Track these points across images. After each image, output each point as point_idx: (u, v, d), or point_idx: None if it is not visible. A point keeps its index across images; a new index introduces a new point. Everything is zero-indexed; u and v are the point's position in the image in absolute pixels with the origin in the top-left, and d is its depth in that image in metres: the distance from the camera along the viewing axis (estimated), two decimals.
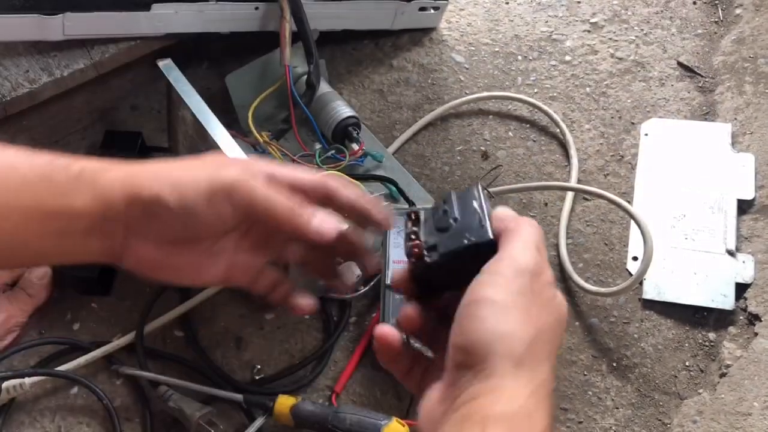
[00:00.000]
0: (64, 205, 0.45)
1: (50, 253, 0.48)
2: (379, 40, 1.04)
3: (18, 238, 0.45)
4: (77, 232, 0.46)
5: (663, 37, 1.04)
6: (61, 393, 0.78)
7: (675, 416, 0.76)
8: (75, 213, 0.46)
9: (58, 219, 0.45)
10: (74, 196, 0.45)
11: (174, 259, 0.49)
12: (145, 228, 0.47)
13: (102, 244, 0.47)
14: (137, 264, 0.49)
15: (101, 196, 0.46)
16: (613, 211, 0.89)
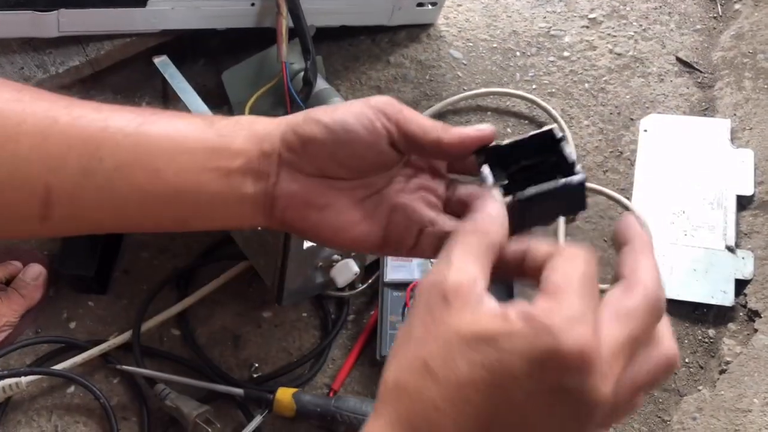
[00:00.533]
0: (225, 144, 0.46)
1: (213, 203, 0.47)
2: (376, 36, 1.03)
3: (183, 180, 0.46)
4: (236, 171, 0.46)
5: (662, 32, 1.04)
6: (57, 392, 0.78)
7: (675, 413, 0.75)
8: (234, 151, 0.46)
9: (219, 157, 0.46)
10: (233, 137, 0.47)
11: (328, 198, 0.47)
12: (299, 155, 0.46)
13: (257, 186, 0.47)
14: (289, 204, 0.47)
15: (257, 136, 0.47)
16: (612, 208, 0.88)
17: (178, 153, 0.46)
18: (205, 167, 0.46)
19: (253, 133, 0.47)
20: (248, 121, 0.48)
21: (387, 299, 0.76)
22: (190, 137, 0.46)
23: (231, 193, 0.47)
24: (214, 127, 0.47)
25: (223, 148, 0.46)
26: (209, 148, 0.46)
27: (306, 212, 0.47)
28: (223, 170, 0.46)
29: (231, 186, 0.47)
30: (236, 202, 0.47)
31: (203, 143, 0.46)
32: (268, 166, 0.47)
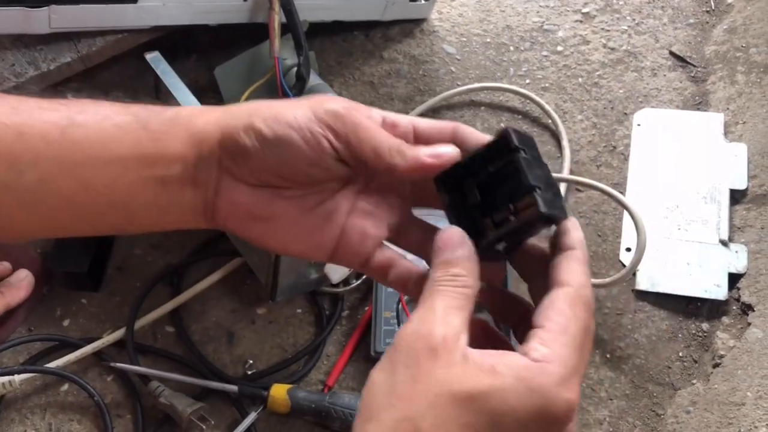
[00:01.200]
0: (159, 149, 0.42)
1: (150, 211, 0.44)
2: (370, 31, 1.03)
3: (116, 192, 0.42)
4: (173, 180, 0.42)
5: (655, 26, 1.04)
6: (51, 390, 0.77)
7: (669, 407, 0.75)
8: (170, 157, 0.42)
9: (154, 165, 0.42)
10: (169, 141, 0.42)
11: (273, 209, 0.43)
12: (239, 165, 0.42)
13: (195, 194, 0.43)
14: (231, 214, 0.43)
15: (195, 138, 0.42)
16: (605, 202, 0.88)
17: (109, 163, 0.41)
18: (138, 177, 0.42)
19: (191, 134, 0.42)
20: (186, 118, 0.43)
21: (381, 295, 0.76)
22: (122, 143, 0.42)
23: (168, 202, 0.43)
24: (148, 128, 0.42)
25: (157, 156, 0.42)
26: (142, 156, 0.42)
27: (250, 223, 0.44)
28: (158, 179, 0.42)
29: (168, 195, 0.43)
30: (175, 210, 0.44)
31: (135, 150, 0.42)
32: (207, 173, 0.43)
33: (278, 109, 0.42)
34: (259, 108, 0.42)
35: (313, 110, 0.42)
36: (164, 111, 0.43)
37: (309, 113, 0.42)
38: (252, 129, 0.41)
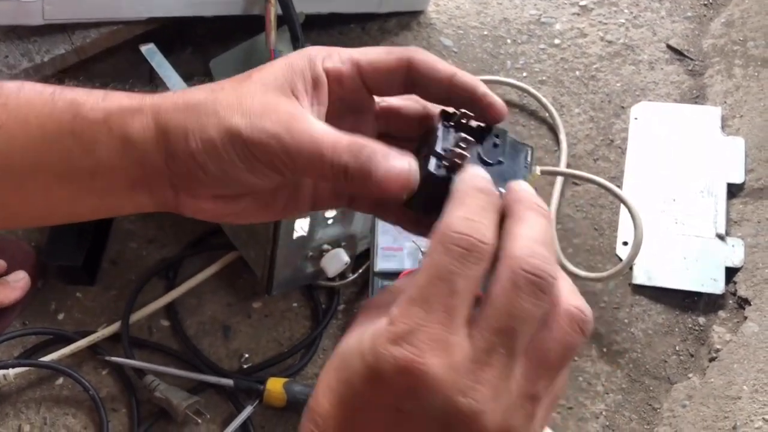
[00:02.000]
0: (95, 161, 0.38)
1: (101, 210, 0.41)
2: (366, 23, 1.02)
3: (52, 200, 0.39)
4: (119, 188, 0.39)
5: (652, 19, 1.04)
6: (46, 384, 0.77)
7: (665, 401, 0.76)
8: (107, 169, 0.38)
9: (93, 178, 0.38)
10: (103, 152, 0.37)
11: (238, 206, 0.40)
12: (192, 186, 0.38)
13: (151, 198, 0.39)
14: (198, 215, 0.41)
15: (133, 150, 0.37)
16: (602, 196, 0.88)
17: (40, 174, 0.38)
18: (79, 189, 0.38)
19: (128, 146, 0.38)
20: (119, 126, 0.38)
21: (377, 289, 0.76)
22: (50, 154, 0.38)
23: (122, 204, 0.40)
24: (76, 134, 0.37)
25: (94, 168, 0.38)
26: (77, 171, 0.38)
27: (218, 218, 0.41)
28: (101, 189, 0.39)
29: (118, 200, 0.39)
30: (133, 208, 0.40)
31: (67, 162, 0.38)
32: (160, 186, 0.39)
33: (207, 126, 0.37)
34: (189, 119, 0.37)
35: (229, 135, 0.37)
36: (93, 108, 0.38)
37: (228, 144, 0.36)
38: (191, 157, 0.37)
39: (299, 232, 0.71)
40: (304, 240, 0.73)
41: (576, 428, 0.74)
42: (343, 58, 0.40)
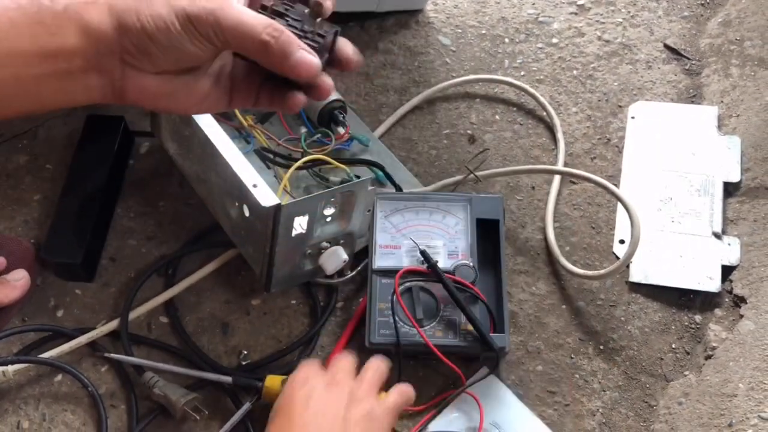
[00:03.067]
0: (57, 44, 0.45)
1: (56, 96, 0.48)
2: (365, 22, 1.03)
3: (21, 83, 0.46)
4: (76, 71, 0.46)
5: (650, 19, 1.04)
6: (45, 380, 0.77)
7: (661, 398, 0.76)
8: (69, 51, 0.46)
9: (55, 59, 0.46)
10: (64, 35, 0.45)
11: (175, 85, 0.49)
12: (139, 60, 0.47)
13: (101, 80, 0.47)
14: (139, 97, 0.49)
15: (90, 33, 0.46)
16: (599, 195, 0.89)
17: (11, 57, 0.45)
18: (42, 70, 0.46)
19: (85, 28, 0.46)
20: (75, 12, 0.46)
21: (376, 286, 0.76)
22: (20, 39, 0.45)
23: (75, 88, 0.47)
24: (43, 23, 0.45)
25: (56, 50, 0.45)
26: (42, 51, 0.45)
27: (156, 100, 0.50)
28: (61, 71, 0.46)
29: (73, 82, 0.47)
30: (82, 93, 0.48)
31: (34, 45, 0.45)
32: (110, 64, 0.47)
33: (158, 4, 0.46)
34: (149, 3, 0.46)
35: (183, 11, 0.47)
36: (53, 4, 0.46)
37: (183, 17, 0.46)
38: (143, 31, 0.46)
39: (298, 229, 0.72)
40: (303, 237, 0.73)
41: (573, 425, 0.75)
42: None
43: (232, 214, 0.76)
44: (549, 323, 0.80)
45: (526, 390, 0.76)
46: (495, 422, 0.73)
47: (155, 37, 0.46)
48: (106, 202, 0.86)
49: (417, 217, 0.80)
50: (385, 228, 0.79)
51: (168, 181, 0.90)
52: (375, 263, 0.77)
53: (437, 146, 0.93)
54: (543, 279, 0.83)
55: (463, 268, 0.75)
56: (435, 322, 0.73)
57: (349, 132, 0.86)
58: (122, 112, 0.92)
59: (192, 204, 0.88)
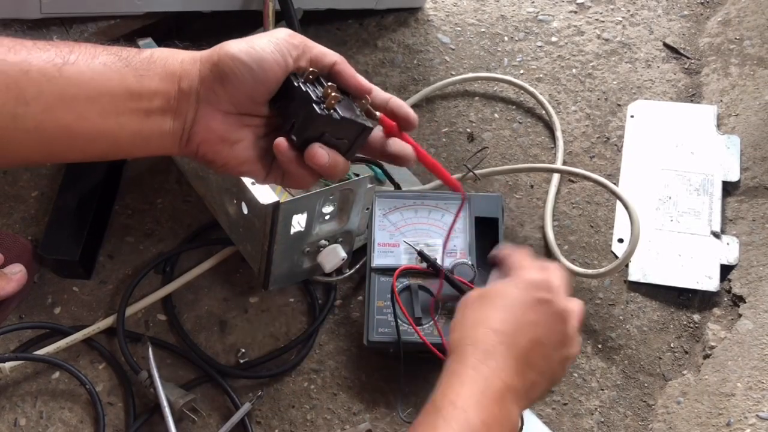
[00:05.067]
0: (143, 85, 0.49)
1: (133, 140, 0.51)
2: (364, 20, 1.03)
3: (104, 121, 0.49)
4: (155, 111, 0.50)
5: (649, 18, 1.04)
6: (42, 377, 0.77)
7: (659, 397, 0.76)
8: (152, 92, 0.50)
9: (139, 99, 0.49)
10: (150, 78, 0.50)
11: (239, 134, 0.53)
12: (217, 93, 0.51)
13: (175, 123, 0.51)
14: (205, 139, 0.52)
15: (173, 75, 0.50)
16: (598, 193, 0.89)
17: (100, 96, 0.48)
18: (126, 109, 0.49)
19: (170, 72, 0.50)
20: (162, 58, 0.51)
21: (374, 284, 0.76)
22: (110, 80, 0.48)
23: (151, 131, 0.51)
24: (132, 65, 0.49)
25: (142, 90, 0.49)
26: (129, 91, 0.49)
27: (219, 147, 0.52)
28: (143, 111, 0.50)
29: (151, 124, 0.50)
30: (156, 138, 0.51)
31: (122, 85, 0.49)
32: (187, 104, 0.51)
33: (247, 41, 0.51)
34: (229, 43, 0.51)
35: (271, 36, 0.52)
36: (141, 51, 0.51)
37: (271, 39, 0.52)
38: (230, 56, 0.50)
39: (296, 227, 0.72)
40: (301, 235, 0.73)
41: (571, 424, 0.74)
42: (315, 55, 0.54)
43: (230, 212, 0.76)
44: None
45: None
46: None
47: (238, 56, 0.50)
48: (104, 199, 0.86)
49: (416, 215, 0.79)
50: (383, 226, 0.79)
51: (166, 178, 0.90)
52: (373, 261, 0.77)
53: (436, 144, 0.93)
54: None
55: (462, 267, 0.75)
56: (433, 321, 0.73)
57: None
58: None
59: (190, 201, 0.88)
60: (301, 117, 0.52)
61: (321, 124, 0.52)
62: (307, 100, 0.51)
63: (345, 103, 0.53)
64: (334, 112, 0.52)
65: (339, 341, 0.79)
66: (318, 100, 0.51)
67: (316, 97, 0.52)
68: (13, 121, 0.46)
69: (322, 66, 0.53)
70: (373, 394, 0.76)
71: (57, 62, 0.47)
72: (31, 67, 0.46)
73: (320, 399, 0.76)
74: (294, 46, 0.52)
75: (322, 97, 0.52)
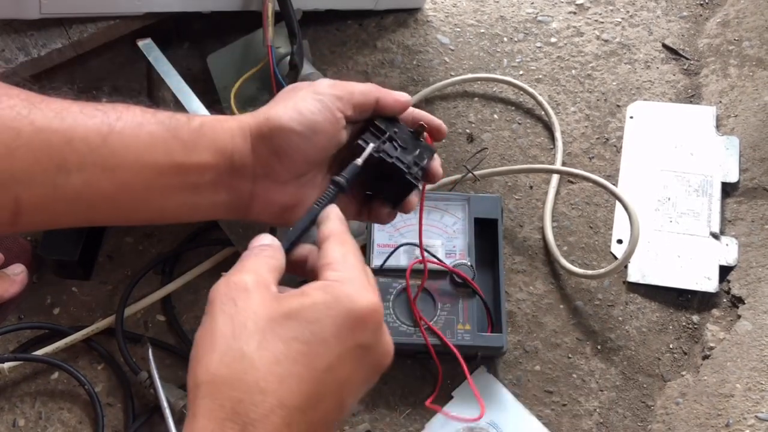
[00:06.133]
0: (191, 159, 0.47)
1: (180, 210, 0.49)
2: (364, 20, 1.03)
3: (149, 193, 0.46)
4: (205, 186, 0.48)
5: (648, 19, 1.04)
6: (41, 378, 0.77)
7: (658, 398, 0.76)
8: (201, 166, 0.47)
9: (187, 173, 0.47)
10: (199, 151, 0.47)
11: (299, 197, 0.50)
12: (274, 167, 0.48)
13: (229, 196, 0.49)
14: (265, 210, 0.50)
15: (225, 150, 0.47)
16: (597, 194, 0.89)
17: (144, 168, 0.46)
18: (172, 182, 0.47)
19: (220, 147, 0.47)
20: (211, 130, 0.48)
21: None
22: (156, 151, 0.46)
23: (200, 203, 0.48)
24: (179, 137, 0.47)
25: (190, 165, 0.47)
26: (175, 164, 0.46)
27: (280, 213, 0.50)
28: (191, 185, 0.47)
29: (201, 197, 0.48)
30: (206, 208, 0.49)
31: (169, 158, 0.46)
32: (241, 180, 0.48)
33: (293, 106, 0.48)
34: (276, 112, 0.48)
35: (315, 93, 0.49)
36: (190, 121, 0.48)
37: (315, 95, 0.49)
38: (281, 128, 0.47)
39: None
40: None
41: (570, 425, 0.74)
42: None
43: None
44: (547, 323, 0.80)
45: (524, 390, 0.76)
46: (492, 422, 0.73)
47: (291, 127, 0.48)
48: None
49: (415, 216, 0.79)
50: (382, 228, 0.79)
51: None
52: (372, 262, 0.77)
53: (435, 145, 0.93)
54: (541, 278, 0.83)
55: (461, 267, 0.75)
56: (432, 322, 0.73)
57: None
58: None
59: None
60: (395, 187, 0.53)
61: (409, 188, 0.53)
62: (398, 172, 0.51)
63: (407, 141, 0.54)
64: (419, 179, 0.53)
65: None
66: (407, 170, 0.52)
67: (406, 169, 0.52)
68: (54, 190, 0.44)
69: (368, 107, 0.52)
70: (373, 394, 0.76)
71: (102, 130, 0.45)
72: (75, 134, 0.44)
73: None
74: (338, 97, 0.50)
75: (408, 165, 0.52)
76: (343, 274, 0.41)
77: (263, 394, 0.36)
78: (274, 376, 0.36)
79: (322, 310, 0.38)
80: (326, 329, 0.38)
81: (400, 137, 0.53)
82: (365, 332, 0.39)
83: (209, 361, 0.37)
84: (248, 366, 0.36)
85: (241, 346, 0.36)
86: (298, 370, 0.37)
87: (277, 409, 0.35)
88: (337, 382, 0.38)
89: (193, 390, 0.37)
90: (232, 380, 0.36)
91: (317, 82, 0.51)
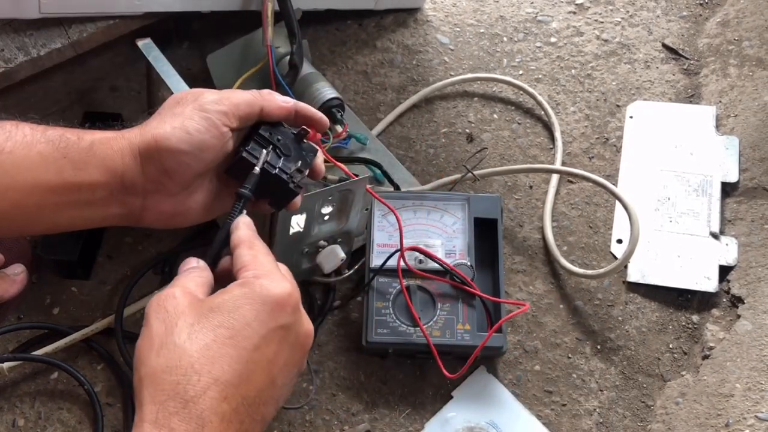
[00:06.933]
0: (82, 178, 0.49)
1: (73, 222, 0.51)
2: (363, 20, 1.03)
3: (42, 210, 0.49)
4: (97, 202, 0.50)
5: (648, 19, 1.04)
6: (40, 378, 0.77)
7: (658, 398, 0.76)
8: (93, 185, 0.50)
9: (79, 191, 0.49)
10: (89, 171, 0.49)
11: (188, 204, 0.54)
12: (163, 182, 0.51)
13: (121, 209, 0.52)
14: (156, 220, 0.54)
15: (115, 171, 0.50)
16: (597, 194, 0.89)
17: (37, 188, 0.48)
18: (65, 200, 0.49)
19: (110, 167, 0.50)
20: (101, 150, 0.50)
21: (373, 285, 0.76)
22: (47, 172, 0.48)
23: (93, 216, 0.51)
24: (69, 157, 0.49)
25: (81, 184, 0.49)
26: (67, 183, 0.49)
27: (171, 220, 0.55)
28: (83, 202, 0.50)
29: (92, 212, 0.51)
30: (99, 220, 0.52)
31: (60, 177, 0.48)
32: (133, 196, 0.51)
33: (180, 126, 0.51)
34: (163, 130, 0.51)
35: (201, 110, 0.52)
36: (80, 140, 0.50)
37: (201, 113, 0.52)
38: (169, 150, 0.50)
39: (295, 228, 0.72)
40: (300, 236, 0.73)
41: (570, 425, 0.74)
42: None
43: None
44: (546, 323, 0.80)
45: (524, 389, 0.76)
46: (492, 422, 0.73)
47: (179, 147, 0.50)
48: None
49: (415, 216, 0.79)
50: (382, 227, 0.79)
51: None
52: (372, 262, 0.77)
53: (435, 145, 0.93)
54: (541, 278, 0.83)
55: (461, 267, 0.75)
56: (432, 322, 0.73)
57: (347, 130, 0.86)
58: (119, 108, 0.92)
59: None
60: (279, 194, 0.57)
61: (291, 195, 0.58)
62: (282, 182, 0.56)
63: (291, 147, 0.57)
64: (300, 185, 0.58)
65: (338, 342, 0.79)
66: (289, 180, 0.56)
67: (288, 179, 0.56)
68: None
69: (253, 116, 0.55)
70: (372, 394, 0.76)
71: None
72: None
73: (319, 399, 0.76)
74: (224, 113, 0.52)
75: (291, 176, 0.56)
76: (256, 270, 0.46)
77: (198, 374, 0.41)
78: (206, 359, 0.41)
79: (242, 299, 0.44)
80: (248, 315, 0.44)
81: (283, 144, 0.57)
82: (284, 314, 0.45)
83: (148, 357, 0.42)
84: (182, 353, 0.41)
85: (174, 339, 0.42)
86: (228, 351, 0.42)
87: (212, 385, 0.41)
88: (265, 359, 0.44)
89: (137, 387, 0.42)
90: (169, 368, 0.41)
91: (202, 95, 0.53)
